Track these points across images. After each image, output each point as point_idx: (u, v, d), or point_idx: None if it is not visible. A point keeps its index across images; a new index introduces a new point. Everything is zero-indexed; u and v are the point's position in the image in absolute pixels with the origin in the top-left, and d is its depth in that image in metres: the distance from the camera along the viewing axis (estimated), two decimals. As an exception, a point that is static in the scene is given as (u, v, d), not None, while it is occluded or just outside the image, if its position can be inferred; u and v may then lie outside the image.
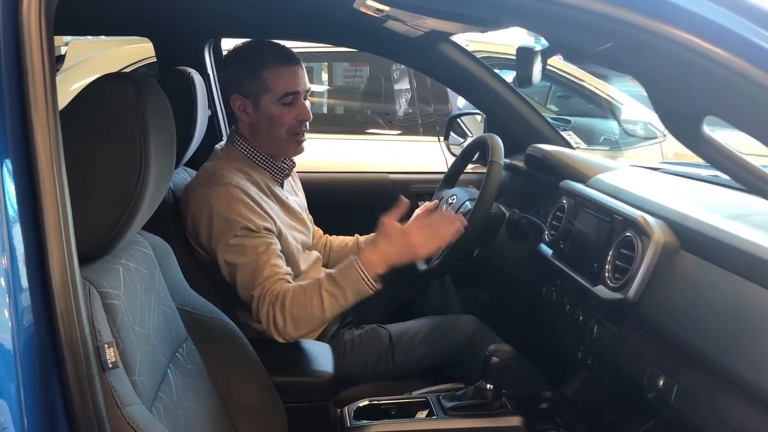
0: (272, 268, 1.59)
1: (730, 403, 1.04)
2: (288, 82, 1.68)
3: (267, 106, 1.69)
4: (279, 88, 1.68)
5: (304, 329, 1.56)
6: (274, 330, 1.56)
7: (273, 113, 1.69)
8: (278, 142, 1.73)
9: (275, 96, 1.68)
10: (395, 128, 3.52)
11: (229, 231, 1.58)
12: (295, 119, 1.71)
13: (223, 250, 1.59)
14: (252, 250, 1.59)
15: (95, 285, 0.97)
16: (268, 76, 1.67)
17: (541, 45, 1.50)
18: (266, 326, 1.57)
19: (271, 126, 1.71)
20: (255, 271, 1.58)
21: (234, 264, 1.59)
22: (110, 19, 2.08)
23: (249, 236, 1.59)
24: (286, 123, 1.70)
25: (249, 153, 1.74)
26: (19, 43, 0.83)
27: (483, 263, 1.94)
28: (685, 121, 0.89)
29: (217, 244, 1.60)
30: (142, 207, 1.01)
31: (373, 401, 1.62)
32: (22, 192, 0.83)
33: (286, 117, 1.70)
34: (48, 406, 0.85)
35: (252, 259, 1.58)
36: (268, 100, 1.68)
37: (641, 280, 1.27)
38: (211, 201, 1.59)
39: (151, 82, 1.04)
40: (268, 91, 1.68)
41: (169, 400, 1.12)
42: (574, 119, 4.54)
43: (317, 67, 4.12)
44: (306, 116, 1.72)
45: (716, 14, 0.81)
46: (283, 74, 1.68)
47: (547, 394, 1.68)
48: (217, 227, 1.59)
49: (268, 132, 1.72)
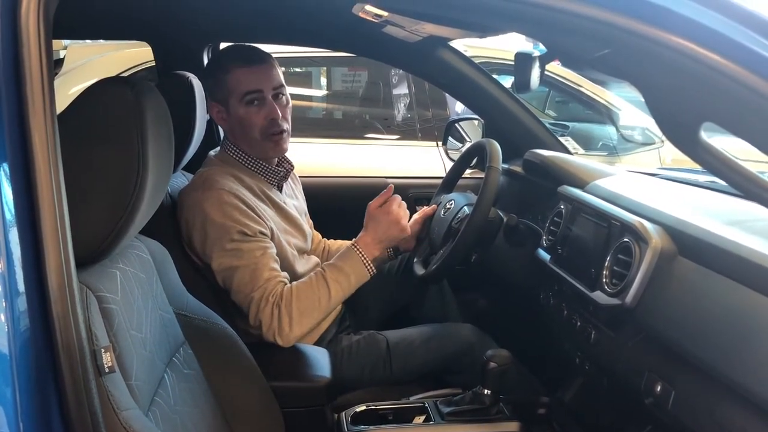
0: (270, 271, 1.60)
1: (727, 410, 1.04)
2: (249, 82, 1.68)
3: (235, 109, 1.70)
4: (240, 88, 1.68)
5: (308, 324, 1.60)
6: (277, 330, 1.56)
7: (241, 115, 1.70)
8: (256, 144, 1.73)
9: (238, 97, 1.69)
10: (394, 133, 3.52)
11: (224, 236, 1.58)
12: (264, 119, 1.70)
13: (219, 255, 1.59)
14: (249, 253, 1.59)
15: (92, 289, 0.97)
16: (231, 79, 1.69)
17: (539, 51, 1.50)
18: (267, 328, 1.57)
19: (243, 128, 1.71)
20: (254, 274, 1.58)
21: (231, 267, 1.59)
22: (109, 23, 2.08)
23: (245, 240, 1.59)
24: (257, 124, 1.70)
25: (240, 158, 1.75)
26: (17, 47, 0.83)
27: (481, 268, 1.93)
28: (683, 127, 0.89)
29: (212, 249, 1.59)
30: (139, 211, 1.01)
31: (371, 406, 1.62)
32: (19, 195, 0.83)
33: (254, 117, 1.69)
34: (44, 410, 0.84)
35: (250, 262, 1.58)
36: (235, 102, 1.69)
37: (639, 286, 1.27)
38: (205, 207, 1.59)
39: (149, 86, 1.04)
40: (232, 93, 1.69)
41: (166, 405, 1.12)
42: (573, 125, 4.55)
43: (316, 72, 4.12)
44: (274, 114, 1.70)
45: (714, 21, 0.81)
46: (243, 74, 1.68)
47: (545, 400, 1.68)
48: (211, 233, 1.59)
49: (243, 135, 1.73)
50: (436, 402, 1.62)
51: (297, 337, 1.60)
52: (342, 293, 1.64)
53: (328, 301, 1.61)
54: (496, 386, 1.55)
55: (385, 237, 1.73)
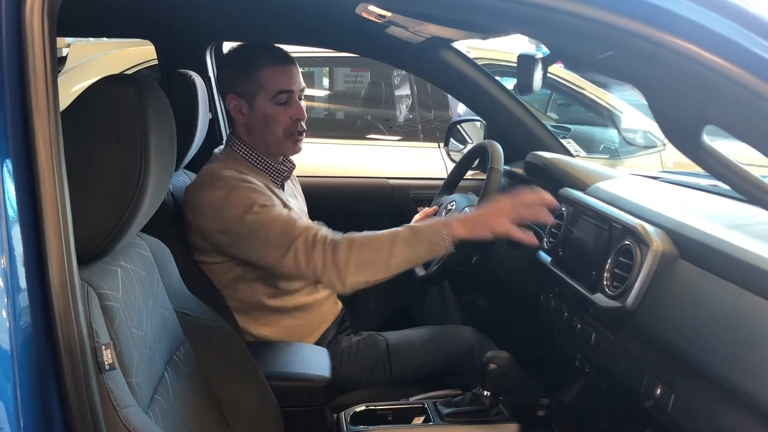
0: (303, 222, 1.57)
1: (727, 413, 1.04)
2: (282, 81, 1.69)
3: (262, 105, 1.69)
4: (273, 86, 1.68)
5: (364, 276, 1.51)
6: (334, 271, 1.49)
7: (268, 112, 1.70)
8: (275, 142, 1.73)
9: (269, 95, 1.68)
10: (395, 134, 3.52)
11: (246, 211, 1.56)
12: (290, 118, 1.71)
13: (246, 227, 1.55)
14: (277, 213, 1.57)
15: (93, 286, 0.97)
16: (263, 75, 1.68)
17: (542, 53, 1.50)
18: (322, 270, 1.50)
19: (266, 125, 1.71)
20: (289, 224, 1.54)
21: (261, 227, 1.54)
22: (112, 22, 2.08)
23: (266, 209, 1.57)
24: (282, 122, 1.71)
25: (247, 155, 1.74)
26: (21, 44, 0.83)
27: (481, 270, 1.93)
28: (685, 130, 0.89)
29: (236, 226, 1.57)
30: (141, 209, 1.01)
31: (370, 407, 1.62)
32: (22, 192, 0.84)
33: (281, 116, 1.70)
34: (44, 407, 0.85)
35: (281, 217, 1.56)
36: (263, 99, 1.69)
37: (639, 289, 1.27)
38: (219, 195, 1.58)
39: (152, 84, 1.05)
40: (263, 89, 1.68)
41: (166, 403, 1.12)
42: (574, 127, 4.55)
43: (318, 72, 4.12)
44: (301, 115, 1.72)
45: (717, 24, 0.82)
46: (276, 73, 1.69)
47: (544, 402, 1.68)
48: (232, 214, 1.56)
49: (264, 131, 1.72)
50: (435, 403, 1.61)
51: (354, 285, 1.52)
52: (408, 255, 1.51)
53: (390, 256, 1.49)
54: (495, 388, 1.55)
55: (479, 221, 1.51)
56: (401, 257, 1.50)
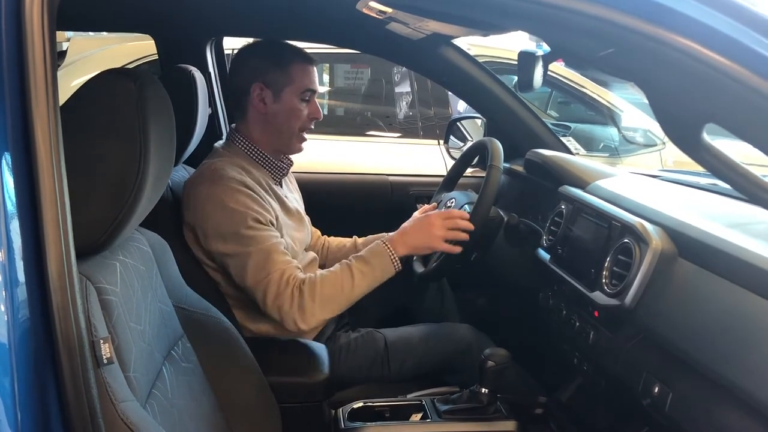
0: (284, 256, 1.62)
1: (725, 412, 1.04)
2: (310, 80, 1.76)
3: (289, 98, 1.74)
4: (303, 83, 1.74)
5: (330, 310, 1.60)
6: (298, 312, 1.57)
7: (293, 106, 1.74)
8: (288, 136, 1.77)
9: (298, 90, 1.73)
10: (395, 131, 3.52)
11: (239, 223, 1.59)
12: (308, 116, 1.77)
13: (233, 241, 1.59)
14: (264, 239, 1.60)
15: (92, 280, 0.97)
16: (294, 70, 1.73)
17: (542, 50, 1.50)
18: (289, 308, 1.57)
19: (287, 118, 1.75)
20: (269, 258, 1.59)
21: (245, 253, 1.59)
22: (112, 16, 2.08)
23: (259, 228, 1.60)
24: (301, 119, 1.76)
25: (249, 151, 1.75)
26: (21, 38, 0.83)
27: (480, 267, 1.93)
28: (686, 128, 0.89)
29: (225, 236, 1.60)
30: (140, 203, 1.01)
31: (368, 403, 1.62)
32: (20, 186, 0.83)
33: (302, 112, 1.76)
34: (42, 401, 0.85)
35: (265, 246, 1.59)
36: (291, 92, 1.73)
37: (638, 287, 1.27)
38: (217, 195, 1.60)
39: (152, 79, 1.04)
40: (292, 83, 1.73)
41: (164, 398, 1.12)
42: (574, 125, 4.55)
43: (318, 68, 4.11)
44: (318, 115, 1.79)
45: (718, 22, 0.81)
46: (306, 71, 1.75)
47: (542, 400, 1.68)
48: (224, 220, 1.59)
49: (282, 124, 1.75)
50: (433, 400, 1.61)
51: (317, 322, 1.61)
52: (366, 284, 1.63)
53: (351, 289, 1.61)
54: (493, 385, 1.55)
55: (414, 241, 1.68)
56: (361, 287, 1.62)
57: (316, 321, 1.60)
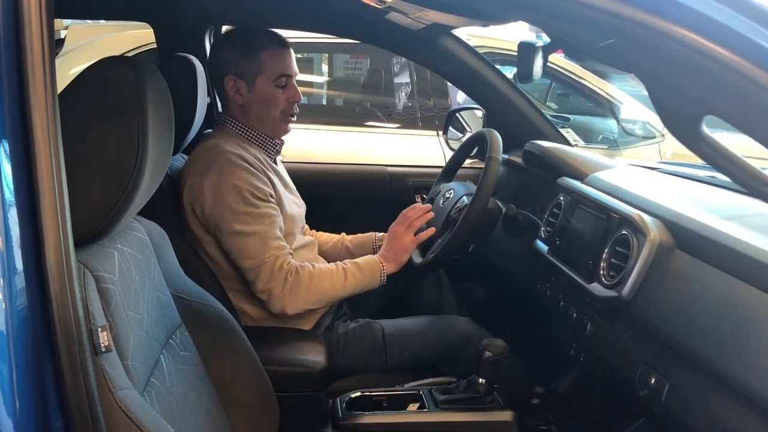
0: (278, 241, 1.65)
1: (721, 403, 1.05)
2: (283, 65, 1.74)
3: (262, 87, 1.74)
4: (275, 69, 1.73)
5: (317, 302, 1.68)
6: (288, 297, 1.62)
7: (268, 94, 1.74)
8: (270, 123, 1.78)
9: (271, 77, 1.73)
10: (394, 121, 3.51)
11: (237, 198, 1.61)
12: (287, 101, 1.77)
13: (231, 218, 1.61)
14: (260, 219, 1.62)
15: (90, 268, 0.97)
16: (265, 58, 1.72)
17: (542, 41, 1.49)
18: (279, 292, 1.61)
19: (265, 107, 1.75)
20: (264, 242, 1.62)
21: (242, 232, 1.61)
22: (111, 4, 2.07)
23: (257, 204, 1.62)
24: (280, 104, 1.76)
25: (242, 131, 1.78)
26: (19, 26, 0.83)
27: (478, 258, 1.94)
28: (685, 120, 0.89)
29: (223, 211, 1.61)
30: (138, 191, 1.00)
31: (365, 393, 1.63)
32: (19, 174, 0.83)
33: (279, 98, 1.75)
34: (40, 388, 0.85)
35: (260, 228, 1.62)
36: (264, 80, 1.73)
37: (636, 279, 1.27)
38: (215, 170, 1.62)
39: (151, 67, 1.04)
40: (264, 71, 1.72)
41: (162, 386, 1.12)
42: (574, 117, 4.54)
43: (318, 58, 4.10)
44: (297, 98, 1.79)
45: (719, 13, 0.81)
46: (277, 56, 1.74)
47: (539, 390, 1.68)
48: (223, 195, 1.61)
49: (261, 112, 1.76)
50: (430, 390, 1.62)
51: (301, 310, 1.66)
52: (352, 288, 1.72)
53: (340, 289, 1.70)
54: (490, 375, 1.55)
55: (396, 257, 1.80)
56: (347, 290, 1.72)
57: (301, 308, 1.65)
